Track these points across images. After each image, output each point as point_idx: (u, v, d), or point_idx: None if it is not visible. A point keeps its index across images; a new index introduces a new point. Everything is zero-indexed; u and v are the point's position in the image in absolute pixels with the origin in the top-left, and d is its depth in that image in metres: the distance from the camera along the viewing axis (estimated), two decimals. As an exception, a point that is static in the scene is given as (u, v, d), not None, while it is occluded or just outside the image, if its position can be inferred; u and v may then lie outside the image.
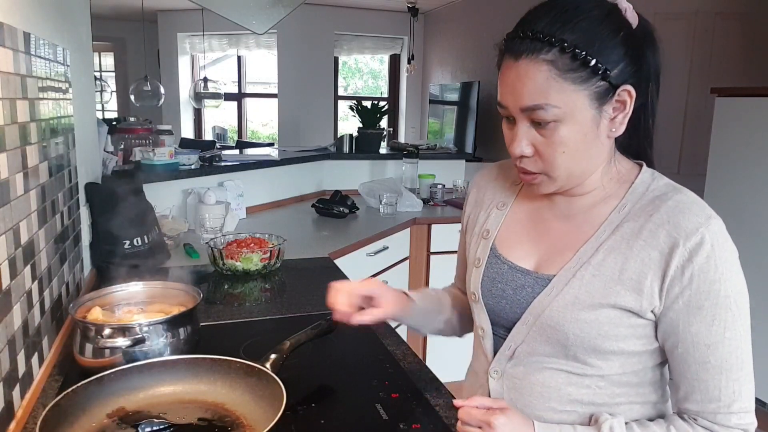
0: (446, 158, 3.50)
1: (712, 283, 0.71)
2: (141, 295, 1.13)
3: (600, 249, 0.78)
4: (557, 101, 0.72)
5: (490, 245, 0.90)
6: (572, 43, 0.70)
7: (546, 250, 0.85)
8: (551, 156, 0.75)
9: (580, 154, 0.76)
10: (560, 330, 0.78)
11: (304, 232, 2.34)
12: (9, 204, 0.84)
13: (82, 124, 1.52)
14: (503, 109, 0.77)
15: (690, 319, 0.73)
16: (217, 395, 0.85)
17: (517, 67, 0.73)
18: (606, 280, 0.76)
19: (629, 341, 0.77)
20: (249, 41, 6.24)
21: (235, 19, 2.03)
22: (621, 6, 0.75)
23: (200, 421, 0.80)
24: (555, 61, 0.71)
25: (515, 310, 0.84)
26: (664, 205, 0.75)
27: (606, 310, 0.76)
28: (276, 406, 0.74)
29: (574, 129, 0.73)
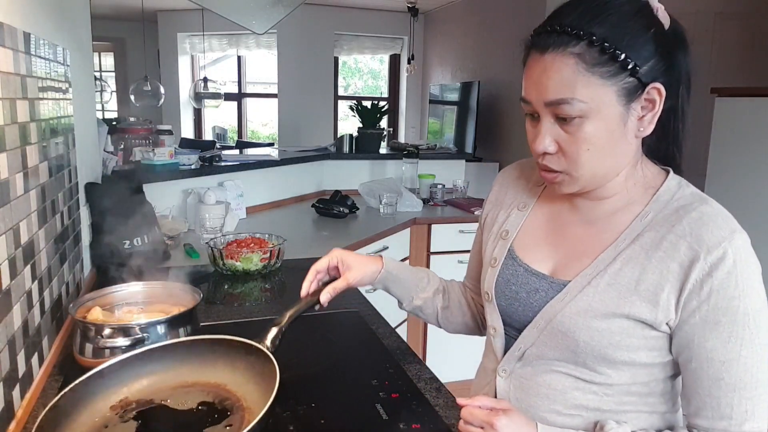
0: (446, 158, 3.50)
1: (731, 299, 0.69)
2: (141, 295, 1.13)
3: (618, 258, 0.76)
4: (584, 96, 0.70)
5: (508, 246, 0.89)
6: (601, 36, 0.69)
7: (564, 255, 0.83)
8: (575, 153, 0.74)
9: (605, 152, 0.74)
10: (571, 336, 0.77)
11: (304, 232, 2.34)
12: (9, 204, 0.84)
13: (82, 124, 1.52)
14: (527, 105, 0.76)
15: (706, 335, 0.71)
16: (219, 376, 0.85)
17: (543, 60, 0.71)
18: (621, 290, 0.74)
19: (641, 353, 0.75)
20: (249, 41, 6.24)
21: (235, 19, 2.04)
22: (652, 5, 0.74)
23: (201, 405, 0.80)
24: (583, 54, 0.69)
25: (527, 313, 0.83)
26: (687, 216, 0.73)
27: (619, 320, 0.74)
28: (273, 386, 0.74)
29: (600, 126, 0.71)
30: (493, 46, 4.68)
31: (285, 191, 2.92)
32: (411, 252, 2.65)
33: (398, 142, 4.07)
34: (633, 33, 0.70)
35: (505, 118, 4.48)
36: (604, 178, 0.77)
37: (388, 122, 6.50)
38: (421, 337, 2.75)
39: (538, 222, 0.89)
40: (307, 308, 0.97)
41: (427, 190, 3.01)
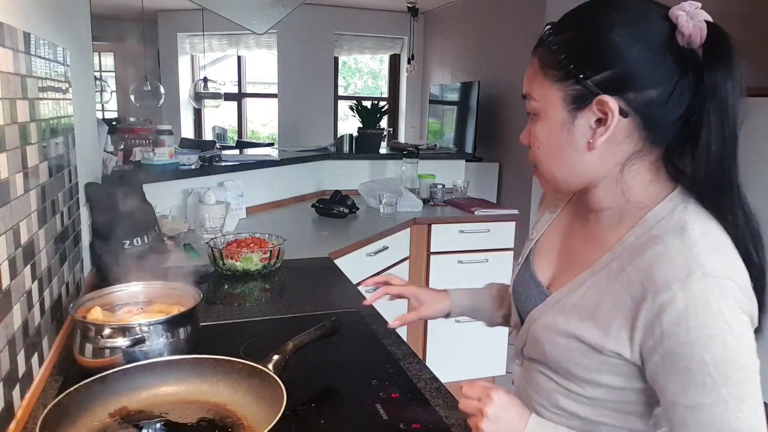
0: (446, 158, 3.50)
1: (683, 345, 0.64)
2: (141, 295, 1.13)
3: (589, 280, 0.76)
4: (537, 94, 0.75)
5: (530, 247, 0.92)
6: (557, 41, 0.72)
7: (561, 266, 0.85)
8: (533, 149, 0.78)
9: (553, 155, 0.75)
10: (541, 346, 0.80)
11: (304, 232, 2.34)
12: (9, 204, 0.84)
13: (82, 124, 1.52)
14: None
15: (667, 376, 0.66)
16: (219, 395, 0.85)
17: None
18: (582, 314, 0.75)
19: (603, 375, 0.74)
20: (249, 41, 6.24)
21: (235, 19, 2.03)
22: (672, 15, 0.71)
23: (201, 421, 0.80)
24: (542, 56, 0.74)
25: (524, 314, 0.88)
26: (652, 248, 0.69)
27: (575, 341, 0.75)
28: (277, 408, 0.74)
29: (545, 126, 0.75)
30: (493, 46, 4.68)
31: (285, 191, 2.92)
32: (411, 252, 2.65)
33: (398, 142, 4.07)
34: (592, 43, 0.70)
35: (505, 118, 4.48)
36: (564, 184, 0.78)
37: (388, 122, 6.50)
38: (421, 337, 2.75)
39: (557, 228, 0.90)
40: (311, 341, 1.00)
41: (427, 190, 3.01)
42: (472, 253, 2.72)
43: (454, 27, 5.55)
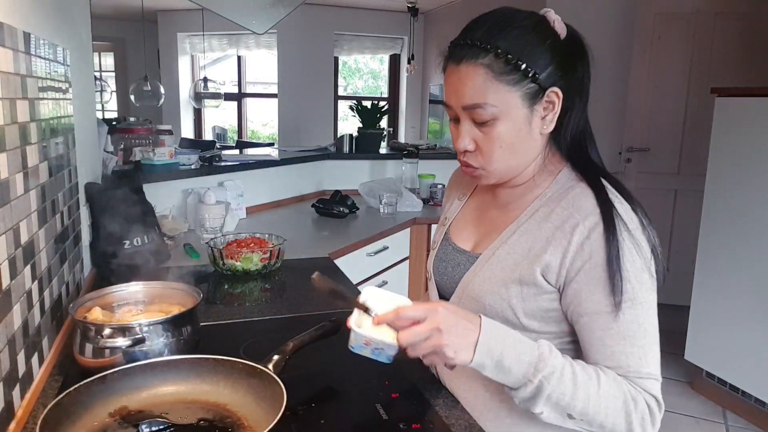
0: (446, 158, 3.50)
1: (608, 258, 0.79)
2: (141, 295, 1.13)
3: (517, 231, 0.89)
4: (494, 101, 0.81)
5: (445, 231, 1.04)
6: (505, 49, 0.80)
7: (482, 233, 0.97)
8: (490, 151, 0.85)
9: (515, 148, 0.85)
10: (480, 302, 0.89)
11: (304, 232, 2.34)
12: (9, 204, 0.84)
13: (82, 124, 1.52)
14: (449, 109, 0.87)
15: (591, 288, 0.80)
16: (219, 396, 0.85)
17: (458, 70, 0.82)
18: (517, 258, 0.86)
19: (537, 317, 0.86)
20: (249, 41, 6.24)
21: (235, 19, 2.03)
22: (549, 18, 0.85)
23: (201, 421, 0.80)
24: (491, 65, 0.80)
25: (452, 285, 0.97)
26: (572, 191, 0.86)
27: (515, 286, 0.85)
28: (277, 408, 0.74)
29: (509, 126, 0.83)
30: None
31: (285, 191, 2.92)
32: (411, 252, 2.65)
33: (398, 142, 4.07)
34: (532, 44, 0.81)
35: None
36: (516, 169, 0.89)
37: (388, 122, 6.50)
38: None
39: (469, 209, 1.03)
40: (311, 341, 1.00)
41: (427, 190, 3.01)
42: (472, 253, 2.72)
43: (454, 27, 5.53)
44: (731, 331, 2.59)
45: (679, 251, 3.50)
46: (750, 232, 2.48)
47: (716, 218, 2.66)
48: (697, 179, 2.99)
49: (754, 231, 2.46)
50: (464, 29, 0.85)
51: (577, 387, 0.77)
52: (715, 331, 2.66)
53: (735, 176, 2.56)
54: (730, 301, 2.59)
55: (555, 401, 0.77)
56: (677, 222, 3.69)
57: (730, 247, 2.58)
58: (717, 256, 2.66)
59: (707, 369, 2.73)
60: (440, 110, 5.36)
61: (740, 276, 2.53)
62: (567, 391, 0.77)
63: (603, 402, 0.77)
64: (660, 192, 3.69)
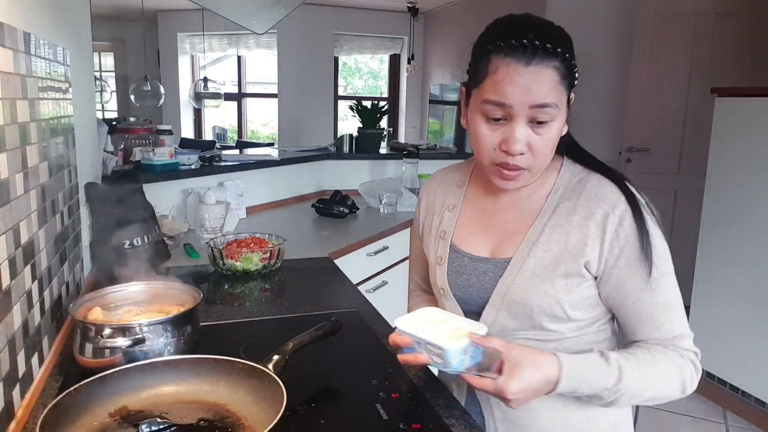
0: (446, 158, 3.50)
1: (642, 239, 0.86)
2: (141, 295, 1.12)
3: (545, 228, 0.91)
4: (558, 102, 0.84)
5: (449, 243, 1.01)
6: (570, 55, 0.84)
7: (497, 238, 0.97)
8: (543, 152, 0.86)
9: (553, 150, 0.89)
10: (525, 304, 0.90)
11: (304, 232, 2.34)
12: (9, 204, 0.84)
13: (82, 124, 1.52)
14: (500, 109, 0.84)
15: (633, 271, 0.87)
16: (219, 396, 0.85)
17: (530, 71, 0.81)
18: (555, 253, 0.89)
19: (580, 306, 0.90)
20: (249, 41, 6.24)
21: (235, 19, 2.03)
22: None
23: (201, 421, 0.80)
24: (560, 68, 0.83)
25: (482, 295, 0.95)
26: (588, 183, 0.91)
27: (560, 280, 0.88)
28: (277, 408, 0.74)
29: (559, 127, 0.87)
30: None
31: (285, 191, 2.92)
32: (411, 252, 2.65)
33: (398, 142, 4.07)
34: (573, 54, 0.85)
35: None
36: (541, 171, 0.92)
37: (388, 122, 6.50)
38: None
39: (469, 217, 1.02)
40: (311, 341, 1.00)
41: (427, 190, 3.01)
42: (472, 253, 2.72)
43: (454, 27, 5.55)
44: (731, 331, 2.59)
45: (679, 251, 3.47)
46: (750, 232, 2.48)
47: (716, 218, 2.65)
48: (697, 179, 2.99)
49: (754, 231, 2.46)
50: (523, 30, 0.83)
51: (646, 381, 0.86)
52: (715, 331, 2.66)
53: (735, 176, 2.56)
54: (730, 301, 2.59)
55: (628, 399, 0.86)
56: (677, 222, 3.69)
57: (730, 247, 2.58)
58: (717, 256, 2.65)
59: (707, 369, 2.73)
60: (440, 110, 5.35)
61: (740, 276, 2.53)
62: (638, 388, 0.85)
63: (664, 380, 0.87)
64: (660, 192, 3.69)
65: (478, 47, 0.89)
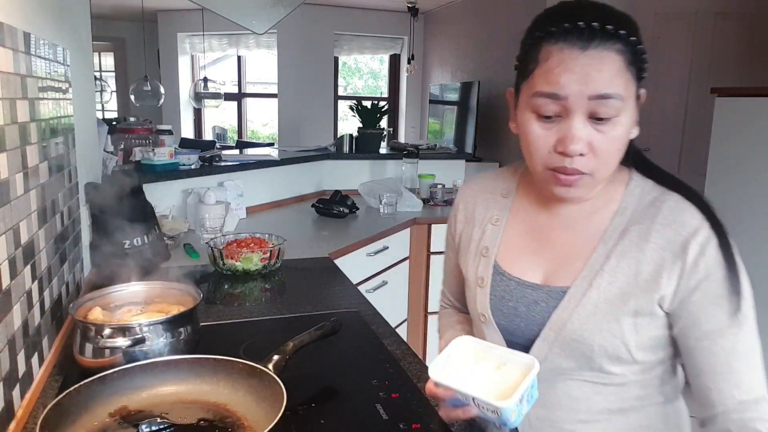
0: (446, 158, 3.50)
1: (725, 272, 0.72)
2: (141, 295, 1.12)
3: (611, 255, 0.77)
4: (624, 93, 0.71)
5: (492, 263, 0.87)
6: (636, 37, 0.71)
7: (552, 261, 0.82)
8: (608, 154, 0.73)
9: (621, 153, 0.75)
10: (585, 343, 0.76)
11: (304, 232, 2.34)
12: (9, 204, 0.84)
13: (82, 124, 1.52)
14: (554, 102, 0.72)
15: (711, 308, 0.73)
16: (219, 396, 0.85)
17: (587, 56, 0.69)
18: (623, 286, 0.75)
19: (648, 347, 0.77)
20: (249, 41, 6.24)
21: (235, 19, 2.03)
22: None
23: (201, 421, 0.80)
24: (625, 52, 0.70)
25: (532, 327, 0.81)
26: (664, 205, 0.77)
27: (628, 319, 0.75)
28: (277, 408, 0.74)
29: (627, 125, 0.73)
30: (493, 46, 4.68)
31: (285, 191, 2.92)
32: (411, 252, 2.65)
33: (398, 142, 4.07)
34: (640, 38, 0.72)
35: (505, 118, 4.46)
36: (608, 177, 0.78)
37: (388, 122, 6.50)
38: (421, 337, 2.75)
39: (516, 233, 0.88)
40: (311, 341, 0.99)
41: (427, 190, 3.01)
42: (472, 253, 2.72)
43: (454, 27, 5.54)
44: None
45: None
46: (750, 232, 2.48)
47: (716, 218, 2.65)
48: (697, 179, 2.99)
49: (754, 230, 2.46)
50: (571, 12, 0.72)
51: None
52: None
53: (735, 176, 2.56)
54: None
55: None
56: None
57: (730, 247, 2.58)
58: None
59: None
60: (440, 110, 5.35)
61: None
62: None
63: None
64: (660, 192, 3.69)
65: (527, 37, 0.77)
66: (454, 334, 0.94)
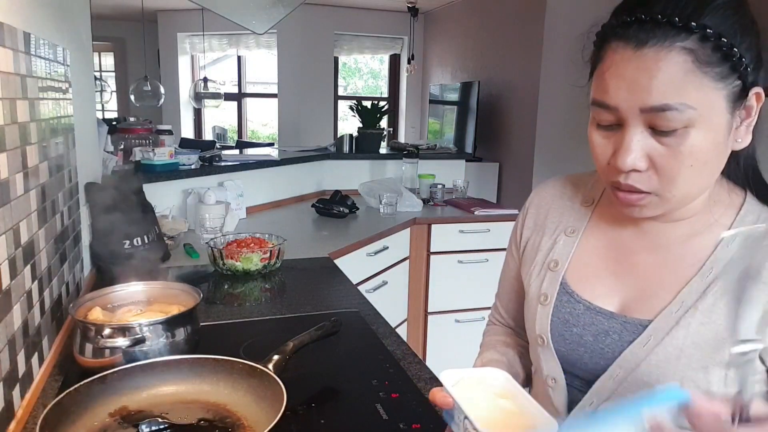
0: (446, 158, 3.51)
1: None
2: (141, 295, 1.13)
3: (708, 291, 0.65)
4: (694, 100, 0.58)
5: (560, 279, 0.76)
6: (717, 29, 0.57)
7: (633, 288, 0.71)
8: (674, 171, 0.61)
9: (707, 168, 0.62)
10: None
11: (304, 232, 2.34)
12: (9, 204, 0.84)
13: (82, 124, 1.52)
14: (605, 112, 0.63)
15: None
16: (219, 396, 0.85)
17: (640, 57, 0.58)
18: (718, 330, 0.63)
19: None
20: (249, 41, 6.25)
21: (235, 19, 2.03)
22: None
23: (201, 421, 0.80)
24: (696, 50, 0.57)
25: (597, 360, 0.71)
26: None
27: (718, 370, 0.63)
28: (277, 408, 0.74)
29: (707, 137, 0.60)
30: (493, 46, 4.68)
31: (285, 191, 2.92)
32: (411, 252, 2.65)
33: (398, 142, 4.07)
34: (743, 27, 0.59)
35: (505, 118, 4.48)
36: (694, 197, 0.66)
37: (388, 122, 6.51)
38: (421, 337, 2.75)
39: (593, 249, 0.76)
40: (311, 341, 1.00)
41: (427, 190, 3.01)
42: (472, 253, 2.72)
43: (454, 27, 5.55)
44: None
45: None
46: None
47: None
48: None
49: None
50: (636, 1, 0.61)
51: None
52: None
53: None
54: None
55: None
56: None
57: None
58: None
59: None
60: (440, 110, 5.35)
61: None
62: None
63: None
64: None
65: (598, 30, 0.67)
66: (493, 356, 0.86)
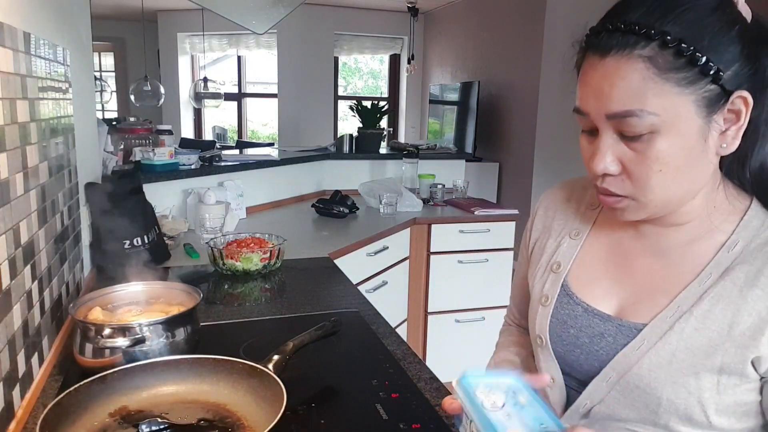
0: (446, 158, 3.51)
1: None
2: (141, 295, 1.13)
3: (705, 296, 0.64)
4: (655, 107, 0.58)
5: (561, 281, 0.77)
6: (677, 35, 0.57)
7: (631, 292, 0.72)
8: (644, 175, 0.62)
9: (681, 173, 0.62)
10: (651, 393, 0.65)
11: (304, 232, 2.34)
12: (9, 204, 0.84)
13: (82, 124, 1.52)
14: (583, 118, 0.64)
15: None
16: (219, 396, 0.85)
17: (604, 65, 0.60)
18: (712, 336, 0.63)
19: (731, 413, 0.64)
20: (249, 41, 6.25)
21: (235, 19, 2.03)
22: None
23: (201, 421, 0.80)
24: (654, 57, 0.58)
25: (592, 362, 0.72)
26: None
27: (710, 376, 0.62)
28: (277, 408, 0.74)
29: (675, 142, 0.60)
30: (493, 46, 4.68)
31: (285, 191, 2.92)
32: (411, 252, 2.65)
33: (398, 142, 4.07)
34: (714, 31, 0.58)
35: (505, 118, 4.48)
36: (678, 202, 0.65)
37: (388, 122, 6.51)
38: (421, 337, 2.75)
39: (595, 252, 0.77)
40: (311, 341, 1.00)
41: (427, 190, 3.01)
42: (472, 253, 2.72)
43: (454, 27, 5.55)
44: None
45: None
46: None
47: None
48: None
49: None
50: (613, 10, 0.62)
51: None
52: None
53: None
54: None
55: None
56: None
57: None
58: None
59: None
60: (440, 110, 5.35)
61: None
62: None
63: None
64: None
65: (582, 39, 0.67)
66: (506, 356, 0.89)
